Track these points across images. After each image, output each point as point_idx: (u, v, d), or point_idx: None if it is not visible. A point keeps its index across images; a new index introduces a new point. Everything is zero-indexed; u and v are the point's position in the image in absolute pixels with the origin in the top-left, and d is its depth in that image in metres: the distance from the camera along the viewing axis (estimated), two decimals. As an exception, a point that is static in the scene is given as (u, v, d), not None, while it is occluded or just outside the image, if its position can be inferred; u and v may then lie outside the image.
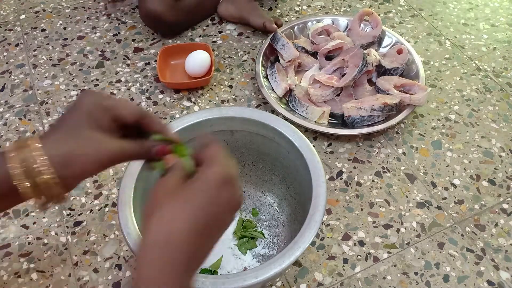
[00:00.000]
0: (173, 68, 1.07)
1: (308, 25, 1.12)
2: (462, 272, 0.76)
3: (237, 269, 0.74)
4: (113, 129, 0.44)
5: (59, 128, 0.41)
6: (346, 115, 0.93)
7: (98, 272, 0.76)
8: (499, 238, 0.80)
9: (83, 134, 0.41)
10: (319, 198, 0.62)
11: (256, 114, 0.72)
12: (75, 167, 0.40)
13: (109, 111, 0.43)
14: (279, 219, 0.79)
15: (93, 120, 0.42)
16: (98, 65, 1.10)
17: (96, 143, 0.41)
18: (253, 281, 0.54)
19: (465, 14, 1.23)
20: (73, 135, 0.41)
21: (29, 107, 1.01)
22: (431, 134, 0.96)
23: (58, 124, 0.42)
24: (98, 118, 0.42)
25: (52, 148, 0.39)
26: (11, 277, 0.75)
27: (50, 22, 1.21)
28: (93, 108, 0.42)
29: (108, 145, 0.42)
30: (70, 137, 0.41)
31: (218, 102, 1.01)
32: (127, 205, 0.61)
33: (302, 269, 0.76)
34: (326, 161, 0.91)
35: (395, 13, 1.23)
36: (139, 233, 0.59)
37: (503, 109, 1.00)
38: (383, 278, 0.75)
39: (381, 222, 0.82)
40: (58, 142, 0.40)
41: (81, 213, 0.83)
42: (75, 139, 0.40)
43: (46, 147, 0.39)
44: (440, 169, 0.90)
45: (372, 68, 0.99)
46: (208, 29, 1.18)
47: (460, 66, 1.09)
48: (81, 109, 0.42)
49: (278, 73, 1.00)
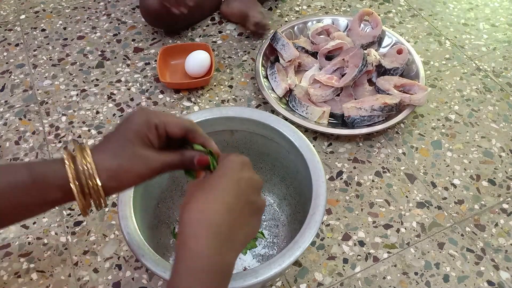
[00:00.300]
0: (173, 68, 1.07)
1: (308, 25, 1.12)
2: (462, 272, 0.76)
3: (237, 269, 0.74)
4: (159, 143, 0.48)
5: (110, 142, 0.45)
6: (346, 115, 0.93)
7: (98, 272, 0.76)
8: (499, 238, 0.80)
9: (131, 151, 0.45)
10: (319, 198, 0.62)
11: (256, 114, 0.72)
12: (120, 181, 0.44)
13: (159, 129, 0.47)
14: (279, 219, 0.79)
15: (141, 138, 0.45)
16: (98, 65, 1.10)
17: (143, 159, 0.45)
18: (253, 281, 0.54)
19: (465, 14, 1.23)
20: (121, 151, 0.44)
21: (29, 107, 1.01)
22: (431, 134, 0.96)
23: (109, 138, 0.46)
24: (146, 136, 0.46)
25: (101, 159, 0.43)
26: (11, 277, 0.75)
27: (50, 22, 1.21)
28: (143, 127, 0.46)
29: (154, 161, 0.46)
30: (119, 152, 0.44)
31: (218, 102, 1.01)
32: (127, 205, 0.61)
33: (302, 269, 0.76)
34: (326, 161, 0.91)
35: (395, 13, 1.23)
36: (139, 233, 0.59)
37: (503, 109, 1.00)
38: (383, 278, 0.75)
39: (381, 222, 0.82)
40: (108, 156, 0.44)
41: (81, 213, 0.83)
42: (123, 155, 0.44)
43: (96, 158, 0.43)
44: (440, 169, 0.90)
45: (372, 68, 0.99)
46: (208, 29, 1.18)
47: (460, 66, 1.09)
48: (131, 127, 0.46)
49: (278, 73, 1.00)
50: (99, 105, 1.01)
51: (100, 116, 0.99)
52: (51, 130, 0.96)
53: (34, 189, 0.42)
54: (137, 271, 0.76)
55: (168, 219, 0.76)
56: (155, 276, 0.75)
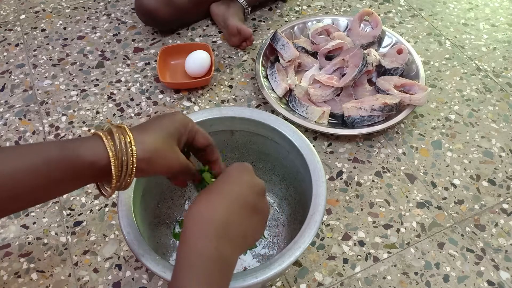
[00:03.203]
0: (173, 68, 1.07)
1: (308, 25, 1.12)
2: (462, 272, 0.76)
3: (237, 269, 0.74)
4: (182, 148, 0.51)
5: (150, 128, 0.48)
6: (346, 115, 0.93)
7: (98, 272, 0.76)
8: (499, 238, 0.80)
9: (169, 143, 0.48)
10: (319, 198, 0.62)
11: (256, 114, 0.72)
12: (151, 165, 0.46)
13: (192, 134, 0.51)
14: (279, 219, 0.79)
15: (177, 137, 0.49)
16: (98, 65, 1.10)
17: (176, 154, 0.48)
18: (253, 281, 0.54)
19: (465, 14, 1.23)
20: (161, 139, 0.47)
21: (29, 107, 1.01)
22: (431, 134, 0.96)
23: (149, 125, 0.48)
24: (181, 137, 0.50)
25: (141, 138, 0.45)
26: (11, 277, 0.75)
27: (50, 22, 1.21)
28: (182, 129, 0.50)
29: (182, 159, 0.49)
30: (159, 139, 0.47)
31: (218, 102, 1.01)
32: (127, 205, 0.61)
33: (302, 269, 0.76)
34: (326, 161, 0.91)
35: (395, 13, 1.23)
36: (139, 233, 0.59)
37: (503, 109, 1.00)
38: (383, 278, 0.75)
39: (381, 222, 0.82)
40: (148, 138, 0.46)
41: (81, 213, 0.83)
42: (162, 143, 0.47)
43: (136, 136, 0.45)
44: (440, 169, 0.90)
45: (372, 68, 0.99)
46: (208, 29, 1.18)
47: (460, 66, 1.09)
48: (173, 124, 0.49)
49: (278, 73, 1.00)
50: (99, 105, 1.01)
51: (100, 116, 0.99)
52: (51, 130, 0.96)
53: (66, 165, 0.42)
54: (137, 271, 0.76)
55: (168, 219, 0.76)
56: (155, 276, 0.75)
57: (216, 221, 0.43)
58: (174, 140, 0.48)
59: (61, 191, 0.45)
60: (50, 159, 0.42)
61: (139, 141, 0.45)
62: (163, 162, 0.47)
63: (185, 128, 0.50)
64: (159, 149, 0.46)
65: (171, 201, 0.77)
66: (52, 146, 0.43)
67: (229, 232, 0.44)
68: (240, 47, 1.12)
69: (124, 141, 0.44)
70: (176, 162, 0.48)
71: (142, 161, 0.45)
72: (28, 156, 0.42)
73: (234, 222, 0.45)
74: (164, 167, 0.47)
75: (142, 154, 0.45)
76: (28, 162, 0.41)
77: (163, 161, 0.47)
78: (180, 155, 0.49)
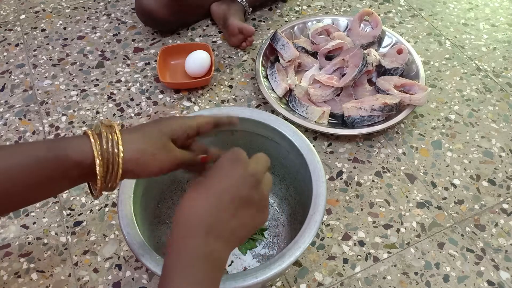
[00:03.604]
0: (173, 68, 1.07)
1: (308, 25, 1.12)
2: (462, 272, 0.76)
3: (237, 269, 0.74)
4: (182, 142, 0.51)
5: (141, 129, 0.47)
6: (346, 115, 0.93)
7: (98, 272, 0.76)
8: (499, 238, 0.80)
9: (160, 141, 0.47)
10: (319, 198, 0.62)
11: (256, 114, 0.72)
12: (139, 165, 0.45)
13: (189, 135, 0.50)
14: (279, 219, 0.79)
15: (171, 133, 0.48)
16: (98, 65, 1.10)
17: (168, 151, 0.47)
18: (253, 281, 0.54)
19: (465, 14, 1.23)
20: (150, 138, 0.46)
21: (29, 107, 1.01)
22: (431, 134, 0.96)
23: (142, 126, 0.48)
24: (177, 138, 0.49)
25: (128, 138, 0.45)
26: (11, 277, 0.75)
27: (50, 22, 1.21)
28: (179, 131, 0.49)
29: (179, 156, 0.48)
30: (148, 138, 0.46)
31: (218, 102, 1.01)
32: (127, 205, 0.61)
33: (302, 269, 0.76)
34: (326, 161, 0.91)
35: (395, 13, 1.23)
36: (139, 233, 0.59)
37: (503, 109, 1.00)
38: (383, 278, 0.75)
39: (381, 222, 0.82)
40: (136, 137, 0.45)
41: (81, 213, 0.83)
42: (151, 141, 0.46)
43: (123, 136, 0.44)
44: (440, 169, 0.90)
45: (372, 68, 0.99)
46: (208, 29, 1.18)
47: (460, 66, 1.09)
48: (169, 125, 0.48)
49: (278, 73, 1.00)
50: (99, 105, 1.01)
51: (100, 116, 0.99)
52: (51, 130, 0.96)
53: (55, 164, 0.42)
54: (137, 271, 0.76)
55: (168, 219, 0.76)
56: (155, 276, 0.75)
57: (205, 217, 0.43)
58: (168, 138, 0.47)
59: (53, 190, 0.45)
60: (41, 158, 0.42)
61: (127, 141, 0.44)
62: (153, 163, 0.46)
63: (182, 131, 0.49)
64: (148, 150, 0.45)
65: (171, 201, 0.77)
66: (43, 145, 0.43)
67: (218, 228, 0.43)
68: (240, 47, 1.12)
69: (112, 141, 0.43)
70: (167, 162, 0.47)
71: (130, 162, 0.44)
72: (21, 154, 0.42)
73: (222, 217, 0.44)
74: (155, 167, 0.46)
75: (129, 154, 0.44)
76: (22, 160, 0.42)
77: (154, 162, 0.46)
78: (176, 152, 0.48)
